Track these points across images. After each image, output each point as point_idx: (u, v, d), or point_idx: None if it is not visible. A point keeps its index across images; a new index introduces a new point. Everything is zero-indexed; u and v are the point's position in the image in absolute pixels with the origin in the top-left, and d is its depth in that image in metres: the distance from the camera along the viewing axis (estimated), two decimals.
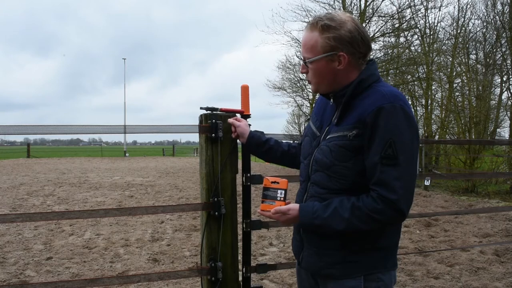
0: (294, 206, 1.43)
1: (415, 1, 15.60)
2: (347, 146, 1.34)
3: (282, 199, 1.47)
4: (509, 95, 20.47)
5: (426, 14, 16.71)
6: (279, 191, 1.48)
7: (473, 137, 14.35)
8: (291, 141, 1.87)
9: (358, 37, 1.37)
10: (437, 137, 15.52)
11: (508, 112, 19.83)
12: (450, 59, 17.09)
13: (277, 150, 1.79)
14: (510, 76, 19.65)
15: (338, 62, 1.38)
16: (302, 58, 1.46)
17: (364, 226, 1.32)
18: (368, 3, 15.31)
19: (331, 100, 1.48)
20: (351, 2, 15.39)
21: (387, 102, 1.30)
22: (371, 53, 1.48)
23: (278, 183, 1.49)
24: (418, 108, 18.29)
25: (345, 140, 1.35)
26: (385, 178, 1.28)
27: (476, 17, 19.19)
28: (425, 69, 16.54)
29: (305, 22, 15.92)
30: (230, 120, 1.92)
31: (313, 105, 1.69)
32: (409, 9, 15.62)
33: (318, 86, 1.46)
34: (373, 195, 1.30)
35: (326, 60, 1.38)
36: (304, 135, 1.60)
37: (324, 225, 1.35)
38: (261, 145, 1.80)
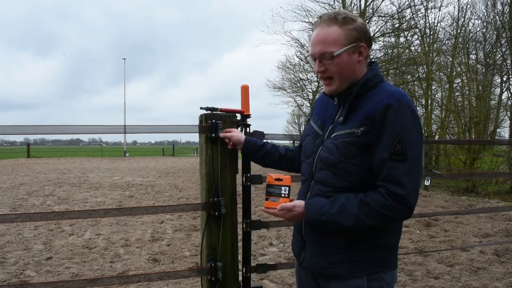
0: (300, 203, 1.42)
1: (415, 1, 15.61)
2: (354, 143, 1.35)
3: (286, 195, 1.46)
4: (509, 95, 20.48)
5: (426, 14, 16.72)
6: (283, 188, 1.46)
7: (473, 137, 14.35)
8: (290, 144, 1.86)
9: (368, 29, 1.44)
10: (437, 137, 15.51)
11: (508, 112, 19.84)
12: (450, 59, 17.09)
13: (274, 154, 1.78)
14: (510, 76, 19.66)
15: (359, 54, 1.40)
16: (319, 55, 1.40)
17: (372, 222, 1.32)
18: (368, 3, 15.31)
19: (335, 99, 1.49)
20: (351, 2, 15.39)
21: (395, 100, 1.32)
22: (371, 53, 1.49)
23: (281, 180, 1.47)
24: (418, 108, 18.28)
25: (353, 137, 1.35)
26: (395, 173, 1.29)
27: (476, 17, 19.23)
28: (425, 69, 16.54)
29: (305, 22, 15.93)
30: (221, 134, 1.92)
31: (313, 104, 1.67)
32: (409, 9, 15.62)
33: (341, 83, 1.42)
34: (381, 191, 1.31)
35: (348, 53, 1.39)
36: (305, 135, 1.60)
37: (331, 221, 1.34)
38: (258, 150, 1.80)
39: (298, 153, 1.74)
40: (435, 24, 17.64)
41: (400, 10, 15.49)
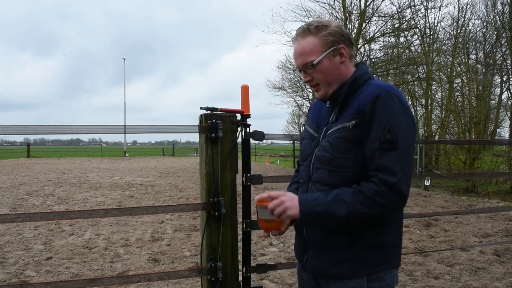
0: (292, 194, 1.39)
1: (415, 1, 15.61)
2: (346, 137, 1.36)
3: None
4: (509, 95, 20.51)
5: (426, 14, 16.75)
6: None
7: (473, 137, 14.36)
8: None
9: (344, 30, 1.46)
10: (437, 137, 15.52)
11: (508, 112, 19.87)
12: (450, 59, 17.11)
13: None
14: (510, 76, 19.69)
15: (340, 55, 1.43)
16: (302, 66, 1.45)
17: (367, 211, 1.31)
18: (368, 3, 15.31)
19: (328, 102, 1.51)
20: (351, 2, 15.39)
21: (383, 91, 1.34)
22: (371, 53, 1.50)
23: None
24: (418, 108, 18.32)
25: (344, 131, 1.37)
26: (385, 162, 1.30)
27: (476, 17, 19.27)
28: (425, 69, 16.55)
29: (305, 22, 15.91)
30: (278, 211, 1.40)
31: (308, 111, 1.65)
32: (409, 9, 15.62)
33: (329, 87, 1.46)
34: (373, 180, 1.31)
35: (329, 57, 1.42)
36: (302, 139, 1.62)
37: (326, 211, 1.32)
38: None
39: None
40: (435, 24, 17.70)
41: (400, 10, 15.50)
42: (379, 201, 1.30)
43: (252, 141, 2.24)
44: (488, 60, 19.22)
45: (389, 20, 15.68)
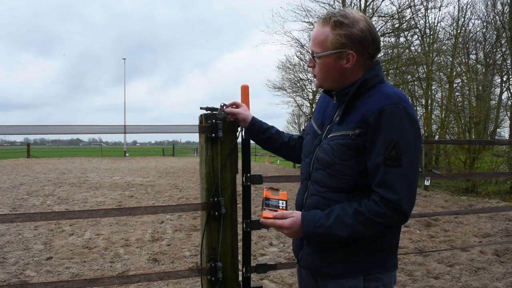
0: (297, 212, 1.42)
1: (415, 1, 15.61)
2: (349, 145, 1.34)
3: (284, 208, 1.47)
4: (509, 95, 20.51)
5: (426, 14, 16.73)
6: (280, 201, 1.48)
7: (473, 137, 14.36)
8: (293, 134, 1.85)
9: (369, 37, 1.37)
10: (437, 137, 15.52)
11: (508, 112, 19.86)
12: (450, 59, 17.10)
13: (277, 140, 1.80)
14: (510, 76, 19.68)
15: (346, 60, 1.37)
16: (311, 51, 1.44)
17: (368, 232, 1.30)
18: (368, 3, 15.31)
19: (334, 98, 1.48)
20: (351, 2, 15.39)
21: (390, 103, 1.29)
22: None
23: (279, 194, 1.50)
24: (418, 108, 18.29)
25: (347, 139, 1.34)
26: (388, 179, 1.27)
27: (476, 17, 19.24)
28: (425, 69, 16.54)
29: (305, 22, 15.91)
30: (228, 109, 1.88)
31: (313, 104, 1.69)
32: (409, 9, 15.63)
33: (323, 81, 1.45)
34: (375, 199, 1.29)
35: (334, 57, 1.38)
36: (306, 133, 1.60)
37: (327, 233, 1.33)
38: (262, 133, 1.82)
39: (299, 143, 1.75)
40: (435, 24, 17.67)
41: (400, 10, 15.50)
42: (380, 222, 1.29)
43: (252, 141, 2.24)
44: (488, 60, 19.22)
45: (389, 20, 15.69)
